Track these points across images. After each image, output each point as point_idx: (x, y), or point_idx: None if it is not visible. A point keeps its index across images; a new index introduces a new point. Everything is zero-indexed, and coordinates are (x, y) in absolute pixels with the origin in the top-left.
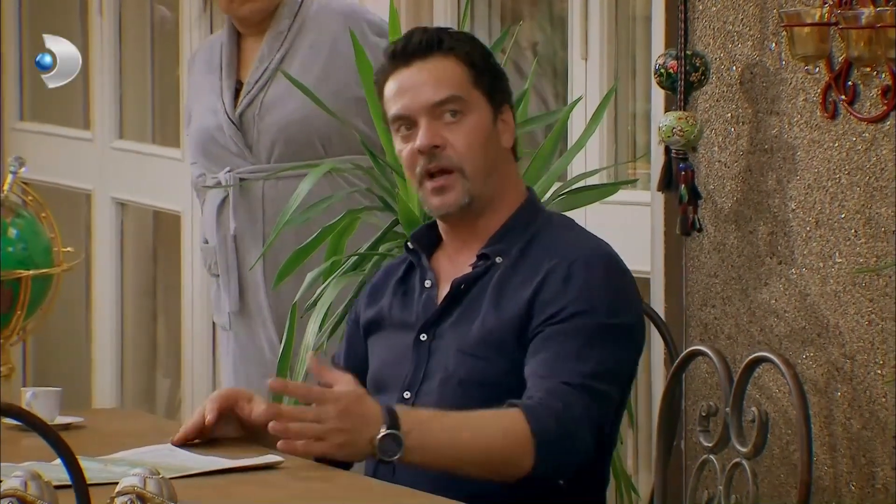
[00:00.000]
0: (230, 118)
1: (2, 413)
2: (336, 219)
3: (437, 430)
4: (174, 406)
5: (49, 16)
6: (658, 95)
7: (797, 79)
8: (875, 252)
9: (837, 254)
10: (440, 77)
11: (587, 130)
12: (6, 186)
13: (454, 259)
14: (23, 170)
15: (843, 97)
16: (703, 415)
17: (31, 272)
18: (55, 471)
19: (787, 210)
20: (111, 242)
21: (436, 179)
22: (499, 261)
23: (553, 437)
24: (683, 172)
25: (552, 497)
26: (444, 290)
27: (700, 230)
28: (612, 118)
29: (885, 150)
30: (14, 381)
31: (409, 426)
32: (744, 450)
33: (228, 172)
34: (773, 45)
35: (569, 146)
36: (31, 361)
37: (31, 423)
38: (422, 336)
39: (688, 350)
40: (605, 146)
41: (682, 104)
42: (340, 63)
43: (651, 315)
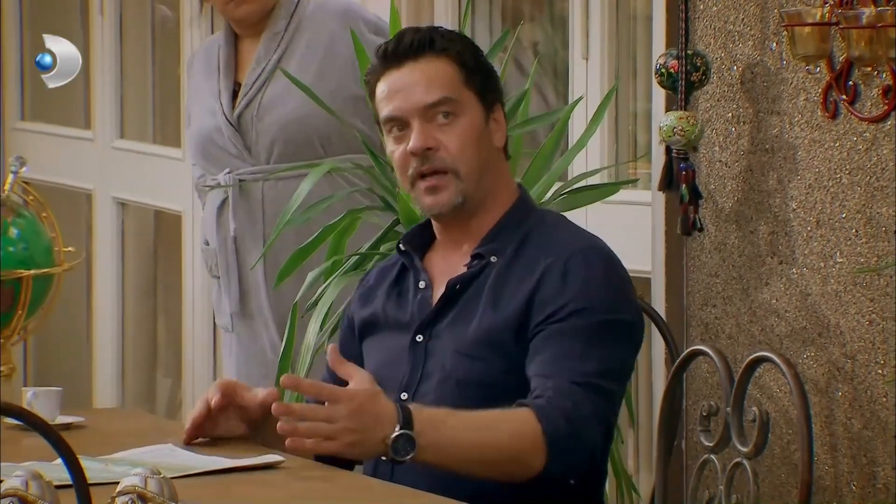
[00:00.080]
0: (228, 120)
1: (3, 413)
2: (337, 218)
3: (450, 430)
4: (175, 406)
5: (50, 15)
6: (659, 95)
7: (798, 78)
8: (876, 252)
9: (838, 253)
10: (432, 78)
11: (588, 130)
12: (7, 186)
13: (448, 258)
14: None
15: (844, 97)
16: (704, 414)
17: (32, 272)
18: (56, 470)
19: (788, 210)
20: (112, 242)
21: (428, 179)
22: (493, 260)
23: (564, 437)
24: (684, 172)
25: (556, 495)
26: (439, 291)
27: (701, 230)
28: (613, 118)
29: (886, 150)
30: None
31: (423, 426)
32: (745, 449)
33: (228, 174)
34: (774, 45)
35: (570, 146)
36: (32, 361)
37: (32, 423)
38: (418, 337)
39: (689, 350)
40: (606, 146)
41: (683, 104)
42: (338, 62)
43: (652, 315)
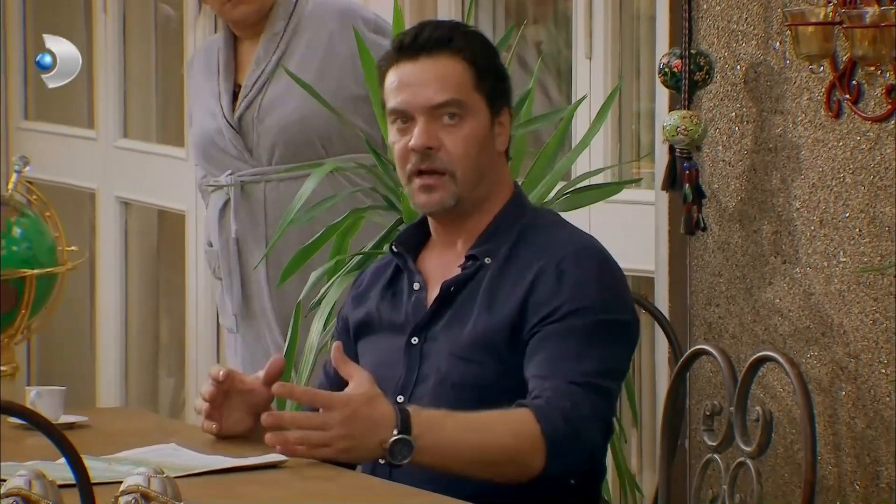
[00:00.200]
0: (229, 122)
1: (6, 412)
2: (340, 218)
3: (449, 432)
4: (178, 405)
5: (53, 15)
6: (662, 94)
7: (801, 78)
8: (879, 251)
9: (842, 253)
10: (444, 78)
11: (591, 129)
12: (11, 185)
13: (443, 258)
14: (27, 169)
15: (848, 96)
16: (708, 414)
17: (36, 271)
18: (59, 470)
19: (792, 209)
20: (115, 241)
21: (424, 178)
22: (487, 261)
23: (563, 437)
24: (688, 171)
25: (555, 494)
26: (434, 293)
27: (704, 229)
28: (617, 117)
29: (890, 150)
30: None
31: (421, 429)
32: (748, 449)
33: (229, 175)
34: (778, 45)
35: (573, 145)
36: (36, 360)
37: (36, 422)
38: (413, 339)
39: (692, 349)
40: (610, 145)
41: (687, 103)
42: (337, 62)
43: (655, 314)
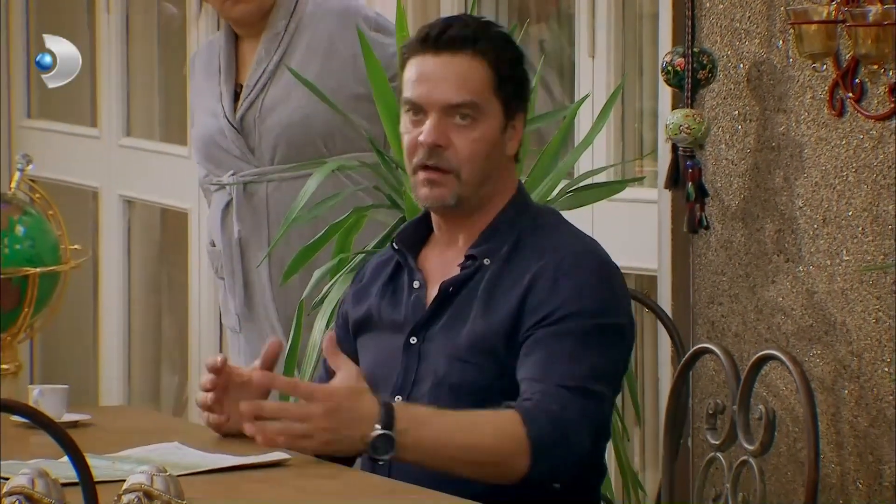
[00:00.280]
0: (231, 122)
1: (9, 411)
2: (342, 217)
3: (433, 431)
4: (181, 404)
5: (56, 13)
6: (665, 93)
7: (804, 76)
8: (882, 250)
9: (844, 251)
10: (463, 78)
11: (594, 128)
12: (13, 184)
13: (443, 255)
14: (30, 167)
15: (851, 95)
16: (711, 412)
17: (39, 270)
18: (62, 468)
19: (795, 208)
20: (118, 240)
21: (430, 172)
22: (486, 262)
23: (549, 441)
24: (690, 170)
25: (555, 494)
26: (433, 292)
27: (707, 228)
28: (620, 116)
29: (892, 148)
30: (21, 379)
31: (405, 425)
32: (751, 447)
33: (232, 175)
34: (781, 43)
35: (576, 143)
36: (39, 359)
37: (39, 421)
38: (411, 339)
39: (695, 348)
40: (613, 144)
41: (690, 102)
42: (338, 61)
43: (658, 312)
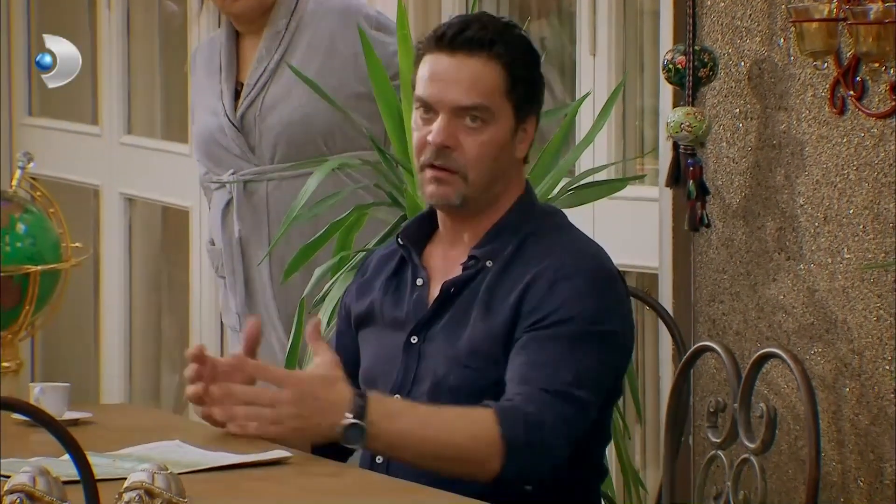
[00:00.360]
0: (231, 120)
1: (10, 409)
2: (344, 214)
3: (405, 424)
4: (182, 402)
5: (57, 10)
6: (666, 91)
7: (805, 74)
8: (883, 248)
9: (846, 249)
10: (476, 81)
11: (595, 126)
12: (15, 182)
13: (448, 253)
14: (31, 165)
15: (852, 93)
16: (712, 410)
17: (40, 268)
18: (63, 466)
19: (796, 206)
20: (119, 238)
21: (437, 171)
22: (489, 264)
23: (522, 443)
24: (692, 168)
25: (557, 496)
26: (435, 291)
27: (708, 226)
28: (621, 114)
29: (893, 146)
30: (22, 377)
31: (377, 416)
32: (752, 446)
33: (232, 174)
34: (782, 41)
35: (577, 141)
36: (40, 357)
37: (40, 419)
38: (412, 339)
39: (696, 346)
40: (614, 142)
41: (691, 100)
42: (338, 60)
43: (659, 311)
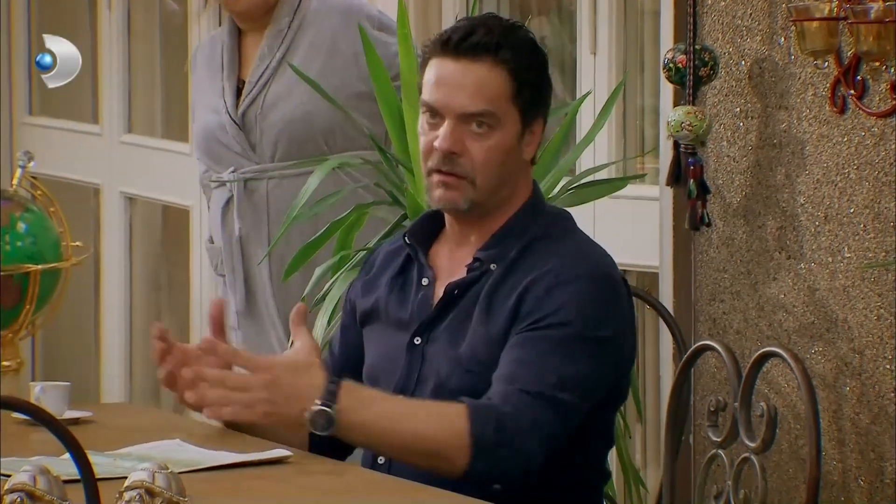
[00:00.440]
0: (232, 118)
1: (11, 408)
2: (344, 213)
3: (375, 414)
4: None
5: (57, 9)
6: (667, 90)
7: (806, 73)
8: (884, 247)
9: (846, 249)
10: (481, 87)
11: (596, 125)
12: (15, 181)
13: (454, 253)
14: (31, 164)
15: (852, 92)
16: (712, 409)
17: (40, 267)
18: (64, 465)
19: (796, 205)
20: (120, 237)
21: (444, 175)
22: (493, 268)
23: (491, 442)
24: (692, 167)
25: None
26: (440, 291)
27: (709, 225)
28: (621, 113)
29: (894, 145)
30: (22, 376)
31: (347, 404)
32: (752, 445)
33: (232, 172)
34: (782, 40)
35: (577, 141)
36: (40, 356)
37: (40, 418)
38: (416, 339)
39: (696, 345)
40: (614, 141)
41: (691, 99)
42: (340, 59)
43: (659, 310)
